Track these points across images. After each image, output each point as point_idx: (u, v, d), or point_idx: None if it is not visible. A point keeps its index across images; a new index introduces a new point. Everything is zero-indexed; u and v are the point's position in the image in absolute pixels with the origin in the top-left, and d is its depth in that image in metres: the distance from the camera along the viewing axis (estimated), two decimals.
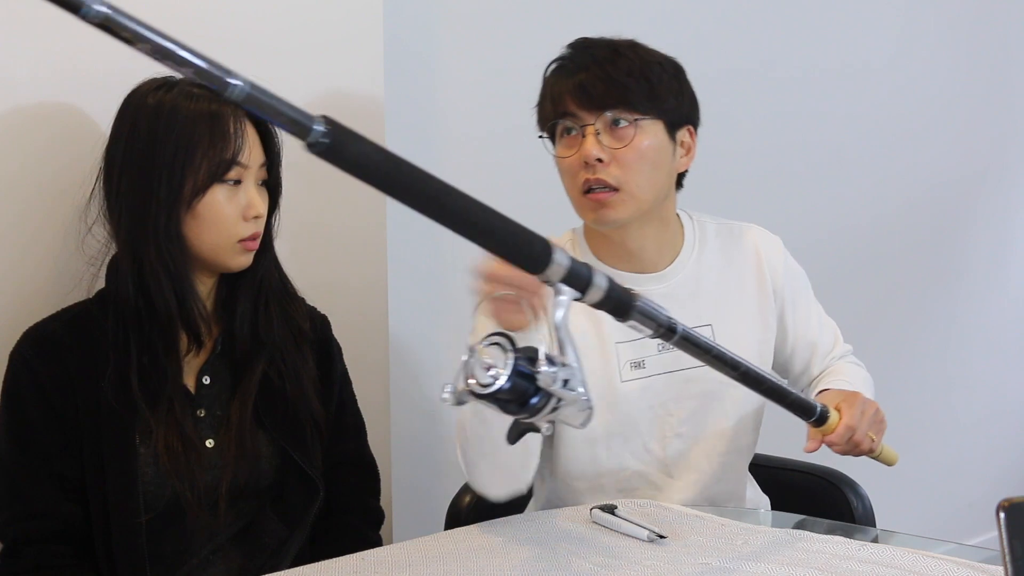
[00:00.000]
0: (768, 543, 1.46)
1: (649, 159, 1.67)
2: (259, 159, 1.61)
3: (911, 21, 3.21)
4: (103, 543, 1.53)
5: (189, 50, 0.90)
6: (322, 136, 0.97)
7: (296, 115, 0.96)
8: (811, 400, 1.52)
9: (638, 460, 1.73)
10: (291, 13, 1.93)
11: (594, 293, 1.16)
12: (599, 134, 1.66)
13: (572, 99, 1.67)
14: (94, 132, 1.69)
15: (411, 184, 1.08)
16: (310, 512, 1.66)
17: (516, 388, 1.08)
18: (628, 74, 1.66)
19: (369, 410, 1.83)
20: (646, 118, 1.67)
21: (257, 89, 0.92)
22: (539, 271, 1.13)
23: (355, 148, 1.01)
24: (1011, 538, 0.99)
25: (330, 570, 1.40)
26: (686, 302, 1.74)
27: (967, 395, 3.58)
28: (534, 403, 1.09)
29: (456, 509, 1.84)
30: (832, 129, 3.06)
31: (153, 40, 0.90)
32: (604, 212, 1.67)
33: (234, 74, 0.91)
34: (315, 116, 0.97)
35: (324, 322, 1.77)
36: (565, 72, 1.71)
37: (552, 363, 1.08)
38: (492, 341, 1.10)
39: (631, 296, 1.20)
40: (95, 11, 0.86)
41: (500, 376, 1.07)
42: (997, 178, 3.57)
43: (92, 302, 1.62)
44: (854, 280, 3.15)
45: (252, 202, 1.59)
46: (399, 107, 2.16)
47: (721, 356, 1.31)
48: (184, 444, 1.56)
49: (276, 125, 0.99)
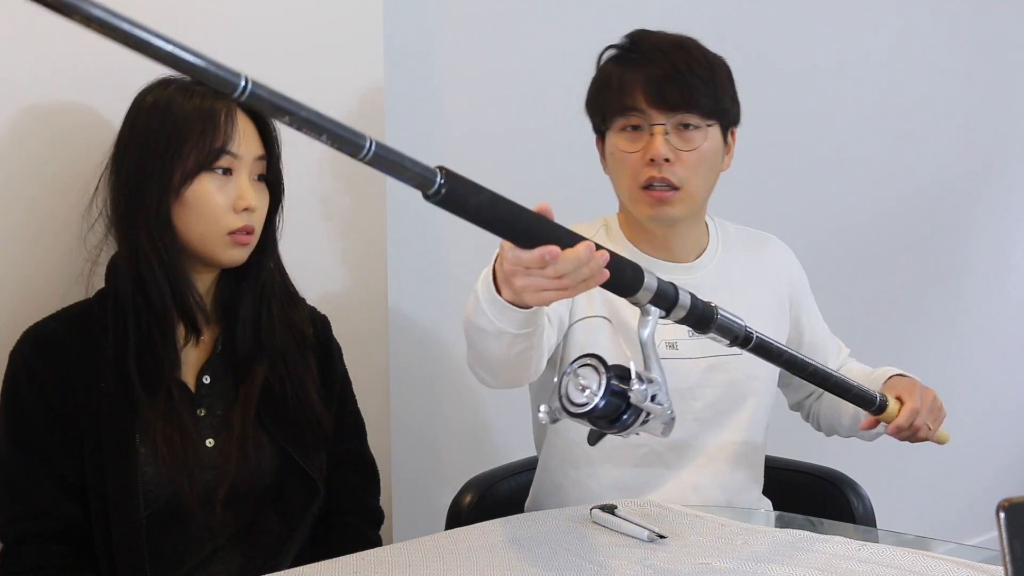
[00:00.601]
0: (768, 543, 1.46)
1: (708, 161, 1.73)
2: (255, 152, 1.60)
3: (911, 18, 3.21)
4: (103, 543, 1.53)
5: (322, 116, 0.96)
6: (441, 186, 1.05)
7: (420, 169, 1.04)
8: (872, 391, 1.61)
9: (655, 439, 1.74)
10: (291, 13, 1.93)
11: (678, 311, 1.25)
12: (667, 134, 1.69)
13: (644, 96, 1.70)
14: (97, 132, 1.69)
15: (523, 225, 1.14)
16: (310, 512, 1.66)
17: (609, 406, 1.15)
18: (700, 78, 1.70)
19: (369, 410, 1.83)
20: (713, 124, 1.72)
21: (383, 148, 1.00)
22: (631, 295, 1.21)
23: (474, 199, 1.09)
24: (1011, 538, 0.99)
25: (330, 570, 1.40)
26: (714, 293, 1.76)
27: (967, 395, 3.57)
28: (625, 419, 1.16)
29: (456, 509, 1.84)
30: (832, 127, 3.06)
31: (296, 112, 0.94)
32: (663, 209, 1.72)
33: (364, 136, 0.98)
34: (434, 168, 1.05)
35: (324, 323, 1.77)
36: (632, 63, 1.72)
37: (642, 380, 1.16)
38: (585, 363, 1.18)
39: (712, 310, 1.28)
40: (244, 88, 0.92)
41: (595, 396, 1.14)
42: (998, 176, 3.57)
43: (92, 301, 1.61)
44: (853, 279, 3.15)
45: (243, 193, 1.57)
46: (399, 106, 2.16)
47: (793, 359, 1.42)
48: (183, 440, 1.56)
49: (402, 181, 1.05)
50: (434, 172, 1.05)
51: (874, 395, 1.59)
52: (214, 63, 0.90)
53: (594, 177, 1.88)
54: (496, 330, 1.36)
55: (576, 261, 1.14)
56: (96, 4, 0.84)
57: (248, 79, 0.92)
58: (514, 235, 1.14)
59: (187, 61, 0.90)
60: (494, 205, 1.10)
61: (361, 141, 0.98)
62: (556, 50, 2.42)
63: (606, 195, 1.87)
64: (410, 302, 2.24)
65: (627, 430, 1.17)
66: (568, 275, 1.16)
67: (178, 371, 1.59)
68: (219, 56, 0.92)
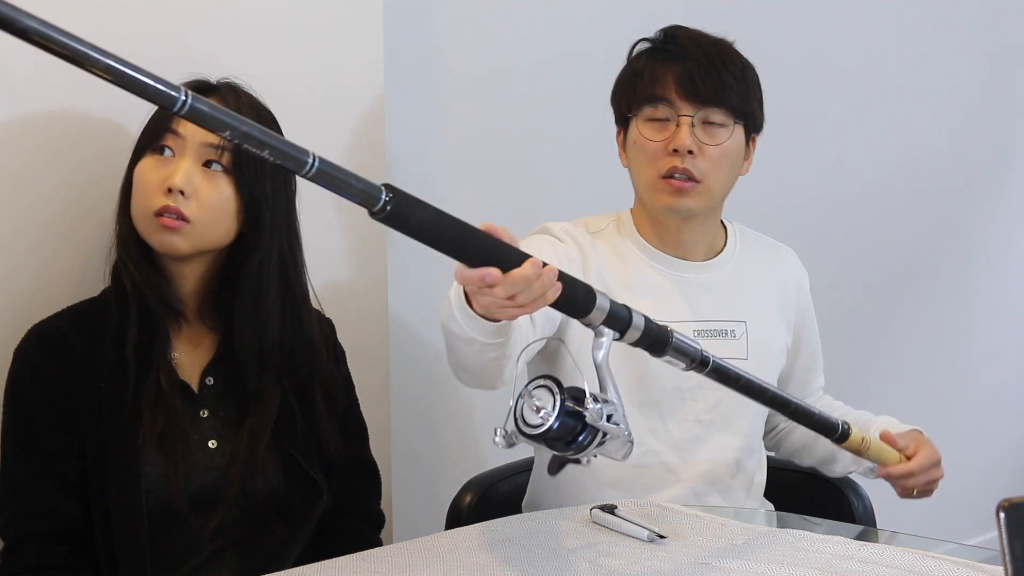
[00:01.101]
0: (768, 543, 1.46)
1: (730, 159, 1.74)
2: (204, 135, 1.52)
3: (913, 17, 3.21)
4: (104, 543, 1.53)
5: (264, 131, 0.96)
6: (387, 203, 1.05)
7: (364, 186, 1.04)
8: (834, 419, 1.58)
9: (655, 438, 1.75)
10: (291, 9, 1.93)
11: (632, 333, 1.25)
12: (694, 126, 1.70)
13: (676, 87, 1.70)
14: (102, 131, 1.69)
15: (469, 244, 1.14)
16: (313, 514, 1.66)
17: (564, 427, 1.15)
18: (734, 75, 1.71)
19: (369, 411, 1.83)
20: (739, 124, 1.73)
21: (326, 164, 0.99)
22: (584, 316, 1.21)
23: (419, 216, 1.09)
24: (1011, 538, 0.99)
25: (330, 570, 1.40)
26: (724, 296, 1.81)
27: (967, 395, 3.57)
28: (582, 440, 1.16)
29: (456, 509, 1.84)
30: (834, 128, 3.06)
31: (236, 127, 0.95)
32: (681, 200, 1.72)
33: (307, 152, 0.98)
34: (379, 185, 1.04)
35: (330, 327, 1.77)
36: (668, 56, 1.73)
37: (597, 400, 1.16)
38: (540, 384, 1.18)
39: (667, 334, 1.28)
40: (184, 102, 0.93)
41: (550, 417, 1.15)
42: (1000, 176, 3.57)
43: (97, 300, 1.61)
44: (855, 280, 3.15)
45: (174, 171, 1.52)
46: (399, 103, 2.16)
47: (750, 384, 1.41)
48: (185, 441, 1.56)
49: (347, 198, 1.04)
50: (379, 189, 1.04)
51: (836, 423, 1.58)
52: (154, 77, 0.90)
53: (595, 179, 1.89)
54: (467, 337, 1.36)
55: (524, 280, 1.14)
56: (32, 16, 0.84)
57: (188, 93, 0.92)
58: (460, 254, 1.13)
59: (127, 75, 0.90)
60: (440, 223, 1.10)
61: (304, 157, 0.97)
62: (557, 52, 2.42)
63: (607, 197, 1.87)
64: (410, 303, 2.23)
65: (584, 451, 1.17)
66: (520, 294, 1.15)
67: (179, 372, 1.59)
68: (221, 52, 0.92)
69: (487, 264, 1.13)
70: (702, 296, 1.78)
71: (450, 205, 2.54)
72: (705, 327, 1.76)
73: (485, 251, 1.14)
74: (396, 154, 2.17)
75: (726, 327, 1.78)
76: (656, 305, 1.73)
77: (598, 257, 1.76)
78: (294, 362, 1.65)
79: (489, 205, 2.38)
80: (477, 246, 1.13)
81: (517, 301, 1.16)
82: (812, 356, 1.93)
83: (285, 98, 1.73)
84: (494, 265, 1.13)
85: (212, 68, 1.63)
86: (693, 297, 1.78)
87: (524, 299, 1.16)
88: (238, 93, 1.61)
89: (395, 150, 2.16)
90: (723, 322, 1.78)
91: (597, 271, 1.74)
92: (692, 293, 1.78)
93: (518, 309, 1.18)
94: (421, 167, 2.27)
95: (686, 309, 1.76)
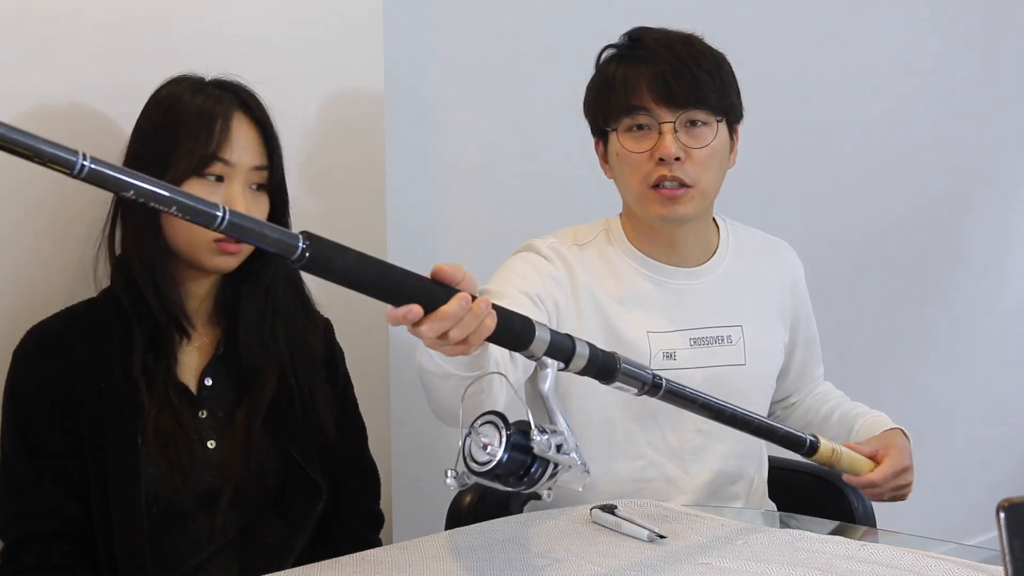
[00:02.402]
0: (768, 543, 1.46)
1: (718, 158, 1.70)
2: (253, 161, 1.58)
3: (912, 29, 3.22)
4: (104, 542, 1.53)
5: (170, 187, 0.95)
6: (305, 250, 1.02)
7: (279, 235, 1.01)
8: (801, 434, 1.55)
9: (655, 450, 1.73)
10: (291, 13, 1.93)
11: (578, 362, 1.22)
12: (676, 132, 1.66)
13: (651, 93, 1.66)
14: (102, 133, 1.69)
15: (394, 285, 1.11)
16: (312, 514, 1.66)
17: (513, 461, 1.13)
18: (708, 72, 1.66)
19: (369, 411, 1.83)
20: (722, 119, 1.69)
21: (237, 216, 0.97)
22: (523, 348, 1.18)
23: (340, 260, 1.06)
24: (1011, 538, 0.99)
25: (330, 570, 1.40)
26: (719, 300, 1.77)
27: (967, 396, 3.58)
28: (533, 472, 1.14)
29: (456, 509, 1.84)
30: (835, 135, 3.06)
31: (140, 186, 0.93)
32: (675, 208, 1.68)
33: (217, 205, 0.96)
34: (296, 233, 1.02)
35: (328, 327, 1.77)
36: (635, 61, 1.68)
37: (543, 431, 1.13)
38: (486, 420, 1.15)
39: (614, 360, 1.25)
40: (83, 166, 0.90)
41: (497, 451, 1.12)
42: (997, 183, 3.58)
43: (96, 301, 1.62)
44: (856, 284, 3.15)
45: (231, 201, 1.55)
46: (399, 103, 2.16)
47: (708, 404, 1.38)
48: (184, 441, 1.56)
49: (263, 248, 1.02)
50: (296, 237, 1.02)
51: (803, 438, 1.55)
52: (48, 143, 0.88)
53: (595, 183, 1.88)
54: (442, 372, 1.34)
55: (452, 317, 1.11)
56: None
57: (87, 156, 0.90)
58: (386, 295, 1.10)
59: (20, 141, 0.88)
60: (363, 266, 1.08)
61: (215, 211, 0.96)
62: (557, 57, 2.42)
63: (607, 199, 1.86)
64: None
65: (537, 484, 1.14)
66: (451, 330, 1.12)
67: (177, 371, 1.59)
68: (221, 57, 0.92)
69: (412, 301, 1.10)
70: (696, 303, 1.76)
71: (450, 205, 2.56)
72: (701, 335, 1.74)
73: (411, 291, 1.11)
74: (396, 154, 2.17)
75: (722, 333, 1.76)
76: (649, 316, 1.72)
77: (587, 274, 1.73)
78: (293, 361, 1.66)
79: (489, 205, 2.38)
80: (403, 287, 1.11)
81: (450, 338, 1.12)
82: (809, 348, 1.92)
83: (285, 98, 1.72)
84: (421, 303, 1.10)
85: (213, 68, 1.63)
86: (687, 305, 1.75)
87: (457, 335, 1.12)
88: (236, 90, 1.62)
89: (395, 150, 2.16)
90: (719, 328, 1.76)
91: (587, 290, 1.71)
92: (686, 301, 1.75)
93: (459, 346, 1.14)
94: (421, 167, 2.27)
95: (681, 318, 1.74)
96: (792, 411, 1.95)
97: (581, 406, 1.72)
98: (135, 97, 1.60)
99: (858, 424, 1.81)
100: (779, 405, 1.94)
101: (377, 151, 2.07)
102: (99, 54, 1.70)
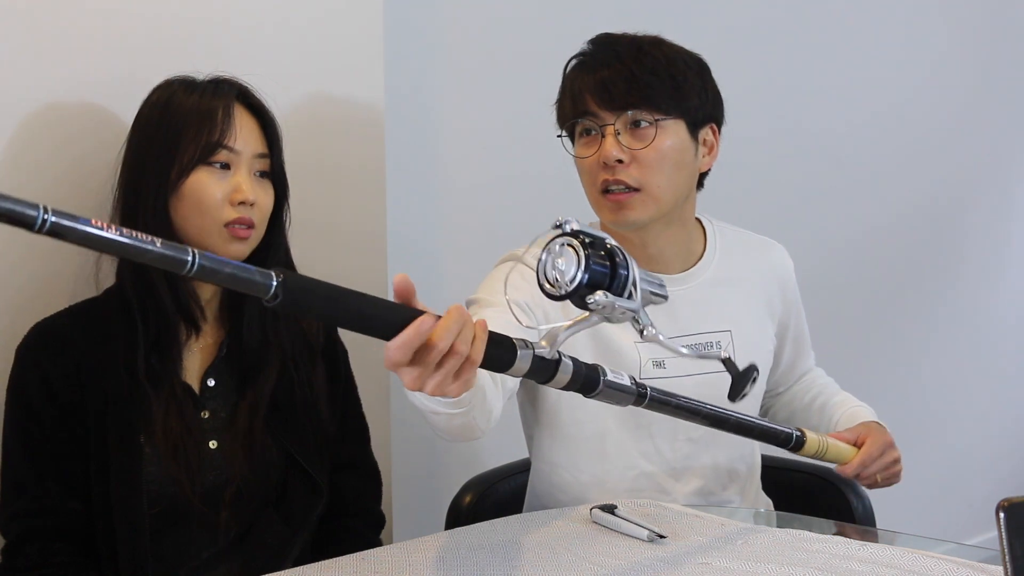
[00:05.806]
0: (768, 543, 1.46)
1: (671, 159, 1.65)
2: (255, 149, 1.60)
3: (910, 31, 3.23)
4: (106, 541, 1.53)
5: (140, 237, 0.92)
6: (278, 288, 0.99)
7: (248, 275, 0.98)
8: (786, 428, 1.55)
9: (647, 460, 1.73)
10: (291, 18, 1.93)
11: (561, 378, 1.21)
12: (619, 134, 1.64)
13: (593, 98, 1.65)
14: (104, 131, 1.70)
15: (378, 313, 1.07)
16: (313, 514, 1.66)
17: (597, 271, 1.15)
18: (652, 72, 1.64)
19: (369, 411, 1.83)
20: (668, 118, 1.65)
21: (207, 259, 0.95)
22: (506, 369, 1.16)
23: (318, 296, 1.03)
24: (1011, 538, 0.99)
25: (330, 570, 1.40)
26: (707, 306, 1.75)
27: (967, 396, 3.58)
28: (623, 275, 1.17)
29: (456, 509, 1.84)
30: (834, 136, 3.06)
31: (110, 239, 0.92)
32: (624, 213, 1.66)
33: (187, 250, 0.94)
34: (269, 271, 0.99)
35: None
36: (586, 69, 1.68)
37: None
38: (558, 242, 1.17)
39: (597, 373, 1.24)
40: (44, 220, 0.88)
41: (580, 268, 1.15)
42: (997, 181, 3.58)
43: (100, 298, 1.62)
44: (854, 283, 3.15)
45: (240, 186, 1.57)
46: (399, 106, 2.16)
47: (685, 406, 1.38)
48: (186, 441, 1.56)
49: (237, 290, 1.00)
50: (268, 275, 0.98)
51: (788, 432, 1.53)
52: (9, 198, 0.85)
53: None
54: (429, 410, 1.31)
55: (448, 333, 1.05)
56: None
57: (49, 210, 0.87)
58: (370, 327, 1.05)
59: None
60: (343, 298, 1.04)
61: (184, 256, 0.93)
62: (556, 51, 2.41)
63: None
64: None
65: (627, 287, 1.16)
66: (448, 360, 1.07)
67: (180, 368, 1.59)
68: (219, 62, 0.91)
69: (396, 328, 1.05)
70: (684, 310, 1.73)
71: (450, 205, 2.55)
72: (690, 342, 1.71)
73: (396, 319, 1.06)
74: (396, 154, 2.17)
75: (711, 339, 1.74)
76: None
77: None
78: (294, 351, 1.66)
79: (489, 205, 2.38)
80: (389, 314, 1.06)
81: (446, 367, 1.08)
82: (798, 343, 1.91)
83: (285, 98, 1.73)
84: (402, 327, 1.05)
85: (213, 67, 1.63)
86: (674, 312, 1.70)
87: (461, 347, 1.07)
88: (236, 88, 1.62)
89: (395, 151, 2.16)
90: (707, 334, 1.74)
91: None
92: (672, 308, 1.68)
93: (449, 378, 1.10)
94: (421, 167, 2.27)
95: (667, 326, 1.70)
96: (777, 400, 1.95)
97: (573, 417, 1.72)
98: (136, 95, 1.61)
99: (837, 415, 1.82)
100: (767, 395, 1.94)
101: (377, 151, 2.07)
102: (104, 55, 1.70)
